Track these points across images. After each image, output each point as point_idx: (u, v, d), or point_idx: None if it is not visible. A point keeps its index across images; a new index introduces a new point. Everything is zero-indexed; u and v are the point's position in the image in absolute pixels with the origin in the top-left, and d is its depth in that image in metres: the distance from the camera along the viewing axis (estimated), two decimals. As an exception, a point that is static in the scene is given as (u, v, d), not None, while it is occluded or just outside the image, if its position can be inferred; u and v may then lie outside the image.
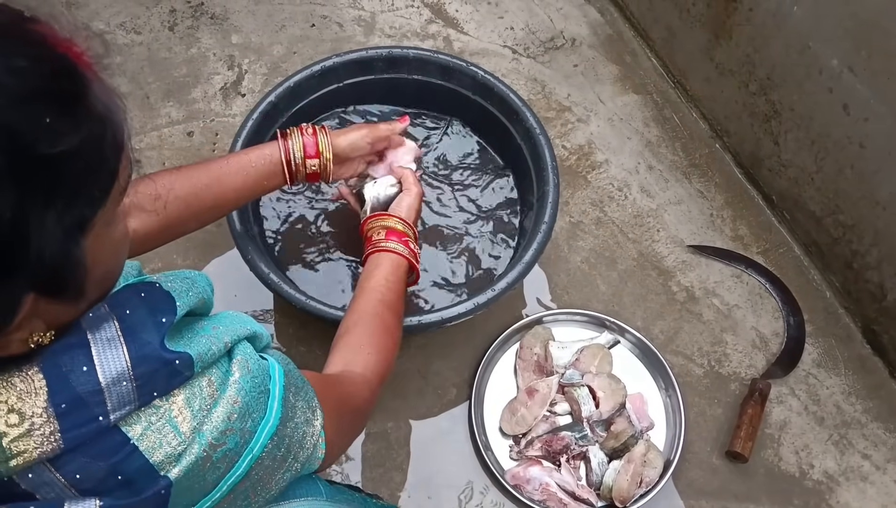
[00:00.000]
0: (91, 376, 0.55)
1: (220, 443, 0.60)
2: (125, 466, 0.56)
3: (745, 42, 1.45)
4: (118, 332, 0.57)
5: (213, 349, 0.62)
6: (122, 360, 0.56)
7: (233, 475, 0.63)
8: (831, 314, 1.45)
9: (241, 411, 0.61)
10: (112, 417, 0.55)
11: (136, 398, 0.56)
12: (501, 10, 1.78)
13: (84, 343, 0.56)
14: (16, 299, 0.50)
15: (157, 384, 0.57)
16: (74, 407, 0.54)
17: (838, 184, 1.36)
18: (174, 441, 0.58)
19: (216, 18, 1.74)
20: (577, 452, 1.25)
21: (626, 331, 1.37)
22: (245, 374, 0.63)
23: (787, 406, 1.36)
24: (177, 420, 0.58)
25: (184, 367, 0.59)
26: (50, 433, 0.53)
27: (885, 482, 1.31)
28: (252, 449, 0.63)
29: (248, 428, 0.62)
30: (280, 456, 0.67)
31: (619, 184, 1.56)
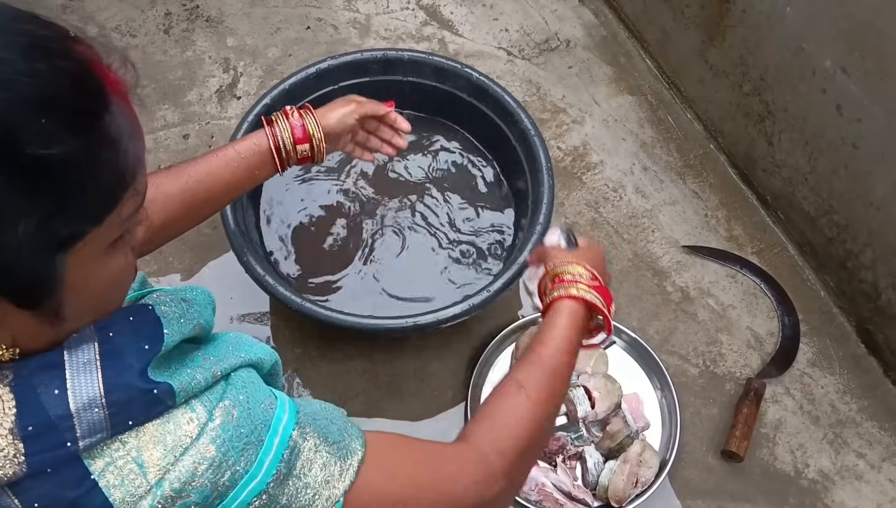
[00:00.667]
0: (62, 399, 0.52)
1: (182, 496, 0.55)
2: (85, 502, 0.53)
3: (738, 43, 1.46)
4: (96, 355, 0.54)
5: (199, 379, 0.57)
6: (96, 386, 0.53)
7: None
8: (826, 314, 1.45)
9: (213, 462, 0.56)
10: (81, 444, 0.52)
11: (109, 426, 0.53)
12: (496, 12, 1.78)
13: (59, 364, 0.53)
14: None
15: (133, 412, 0.54)
16: (42, 431, 0.52)
17: (832, 184, 1.36)
18: (137, 482, 0.54)
19: (211, 21, 1.74)
20: (573, 453, 1.26)
21: (622, 331, 1.37)
22: (227, 422, 0.57)
23: (782, 406, 1.37)
24: (143, 458, 0.54)
25: (165, 396, 0.55)
26: (14, 456, 0.51)
27: (880, 480, 1.32)
28: (228, 506, 0.57)
29: (223, 481, 0.56)
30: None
31: (614, 185, 1.56)
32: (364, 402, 1.32)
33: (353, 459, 0.63)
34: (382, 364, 1.36)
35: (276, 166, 1.05)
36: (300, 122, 1.05)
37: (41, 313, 0.52)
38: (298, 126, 1.05)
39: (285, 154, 1.05)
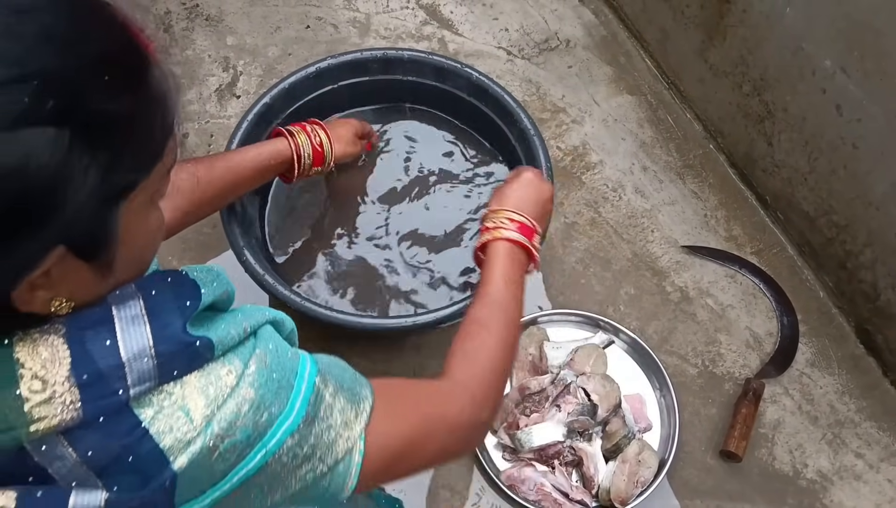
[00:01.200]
0: (113, 350, 0.56)
1: (229, 434, 0.59)
2: (136, 448, 0.56)
3: (738, 43, 1.46)
4: (142, 311, 0.58)
5: (233, 334, 0.62)
6: (145, 337, 0.57)
7: (243, 467, 0.62)
8: (825, 314, 1.45)
9: (253, 404, 0.61)
10: (131, 392, 0.56)
11: (157, 375, 0.57)
12: (496, 11, 1.78)
13: (108, 319, 0.57)
14: (46, 246, 0.52)
15: (178, 364, 0.58)
16: (95, 379, 0.55)
17: (831, 184, 1.36)
18: (184, 428, 0.58)
19: (211, 20, 1.74)
20: (570, 459, 1.25)
21: (621, 331, 1.37)
22: (262, 368, 0.62)
23: (781, 406, 1.37)
24: (189, 407, 0.58)
25: (204, 349, 0.59)
26: (70, 403, 0.54)
27: (879, 480, 1.32)
28: (266, 444, 0.62)
29: (262, 421, 0.61)
30: (302, 455, 0.65)
31: (614, 185, 1.56)
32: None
33: (366, 404, 0.71)
34: (381, 363, 1.36)
35: (290, 177, 1.22)
36: (320, 151, 1.23)
37: (97, 265, 0.56)
38: (319, 155, 1.23)
39: (301, 172, 1.21)
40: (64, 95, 0.50)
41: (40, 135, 0.49)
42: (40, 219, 0.50)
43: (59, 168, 0.50)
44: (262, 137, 1.32)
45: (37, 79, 0.49)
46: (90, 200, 0.52)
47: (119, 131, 0.53)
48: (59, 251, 0.52)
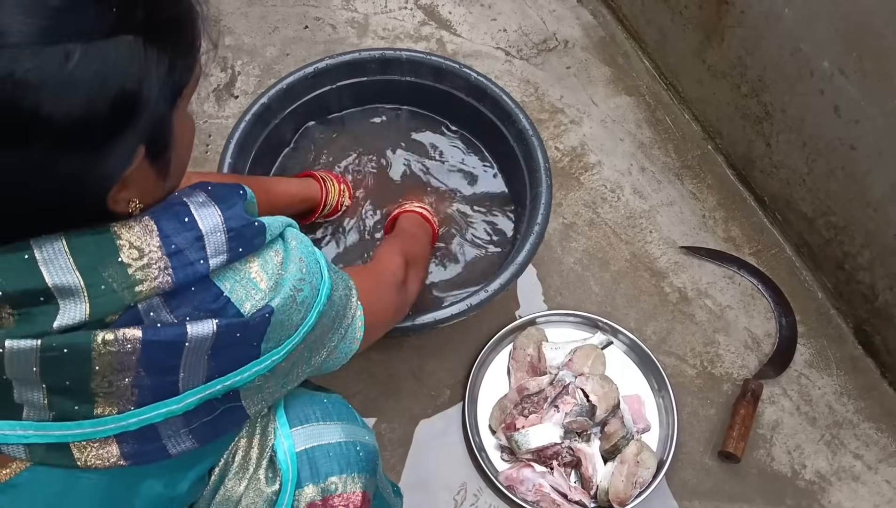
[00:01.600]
0: (192, 225, 0.65)
1: (298, 289, 0.70)
2: (223, 312, 0.65)
3: (736, 44, 1.46)
4: (208, 197, 0.67)
5: (276, 224, 0.71)
6: (216, 215, 0.66)
7: (307, 323, 0.72)
8: (823, 315, 1.45)
9: (307, 267, 0.72)
10: (210, 262, 0.65)
11: (228, 249, 0.66)
12: (494, 12, 1.78)
13: (183, 203, 0.66)
14: (136, 144, 0.60)
15: (244, 240, 0.67)
16: (182, 248, 0.63)
17: (830, 185, 1.36)
18: (257, 296, 0.67)
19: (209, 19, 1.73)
20: (568, 460, 1.25)
21: (619, 332, 1.37)
22: (300, 244, 0.74)
23: (780, 407, 1.37)
24: (255, 280, 0.68)
25: (260, 230, 0.68)
26: (164, 268, 0.62)
27: (877, 481, 1.32)
28: (318, 303, 0.73)
29: (314, 283, 0.73)
30: (333, 316, 0.78)
31: (612, 185, 1.56)
32: (361, 401, 1.32)
33: (348, 279, 0.85)
34: (380, 364, 1.36)
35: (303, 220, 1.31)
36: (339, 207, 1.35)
37: (161, 166, 0.65)
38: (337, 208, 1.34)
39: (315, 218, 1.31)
40: (139, 5, 0.57)
41: (126, 44, 0.56)
42: (132, 119, 0.59)
43: (141, 72, 0.58)
44: (259, 137, 1.32)
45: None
46: (160, 98, 0.60)
47: (175, 35, 0.61)
48: (141, 151, 0.61)
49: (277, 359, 0.71)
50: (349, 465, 0.87)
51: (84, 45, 0.54)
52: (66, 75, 0.54)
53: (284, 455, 0.85)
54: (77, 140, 0.56)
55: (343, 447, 0.88)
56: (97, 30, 0.55)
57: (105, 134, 0.58)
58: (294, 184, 1.27)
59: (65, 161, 0.57)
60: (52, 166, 0.56)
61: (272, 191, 1.20)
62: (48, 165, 0.56)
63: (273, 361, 0.71)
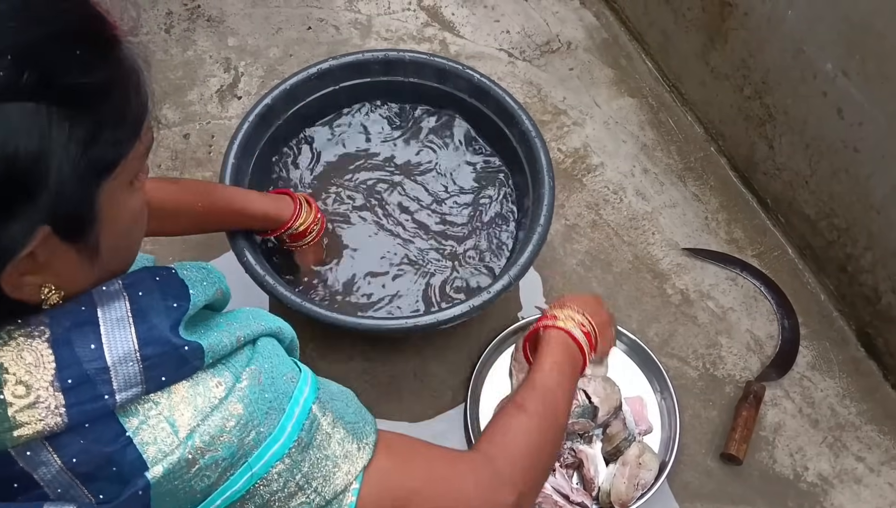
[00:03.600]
0: (98, 353, 0.55)
1: (211, 448, 0.58)
2: (120, 457, 0.55)
3: (739, 46, 1.46)
4: (128, 313, 0.57)
5: (225, 342, 0.60)
6: (130, 340, 0.56)
7: (228, 489, 0.60)
8: (825, 317, 1.45)
9: (239, 420, 0.59)
10: (118, 398, 0.55)
11: (143, 381, 0.56)
12: (497, 13, 1.78)
13: (94, 321, 0.56)
14: (32, 226, 0.51)
15: (166, 369, 0.57)
16: (80, 383, 0.54)
17: (832, 187, 1.36)
18: (169, 440, 0.57)
19: (213, 21, 1.74)
20: (571, 461, 1.25)
21: (621, 333, 1.37)
22: (254, 385, 0.61)
23: (782, 409, 1.37)
24: (175, 418, 0.57)
25: (192, 356, 0.58)
26: (55, 407, 0.53)
27: (880, 484, 1.31)
28: (252, 466, 0.60)
29: (248, 440, 0.59)
30: (295, 484, 0.63)
31: (615, 187, 1.56)
32: (363, 403, 1.32)
33: (369, 439, 0.68)
34: (382, 365, 1.36)
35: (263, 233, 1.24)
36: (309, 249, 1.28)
37: (83, 249, 0.56)
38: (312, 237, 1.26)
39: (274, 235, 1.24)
40: (39, 68, 0.49)
41: (21, 109, 0.49)
42: (25, 196, 0.50)
43: (41, 142, 0.49)
44: (263, 138, 1.32)
45: (10, 53, 0.49)
46: (73, 175, 0.51)
47: (95, 105, 0.53)
48: (44, 232, 0.52)
49: None
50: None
51: None
52: None
53: None
54: None
55: None
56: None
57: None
58: (270, 200, 1.21)
59: None
60: None
61: (242, 204, 1.16)
62: None
63: None
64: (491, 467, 0.75)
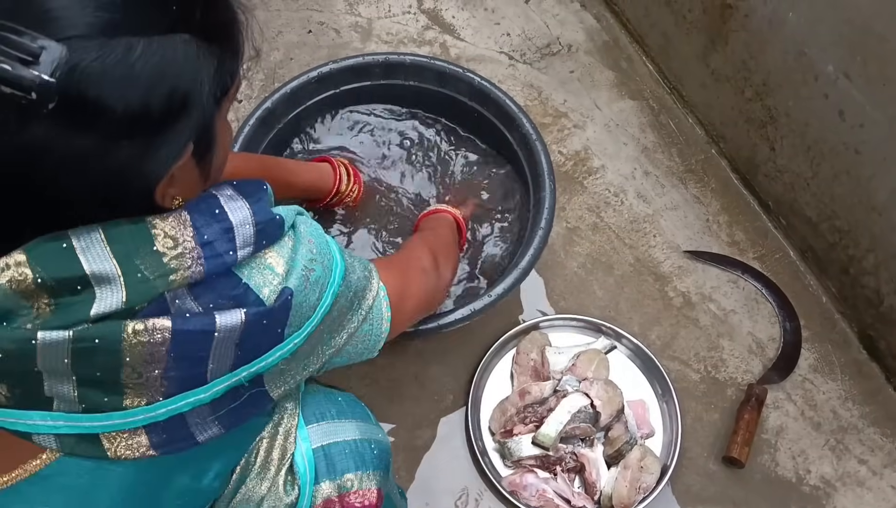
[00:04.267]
0: (223, 217, 0.67)
1: (311, 269, 0.72)
2: (244, 299, 0.67)
3: (740, 48, 1.45)
4: (236, 191, 0.69)
5: (290, 215, 0.73)
6: (245, 209, 0.68)
7: (323, 304, 0.74)
8: (828, 320, 1.45)
9: (317, 249, 0.74)
10: (238, 254, 0.66)
11: (254, 241, 0.68)
12: (498, 16, 1.78)
13: (213, 196, 0.68)
14: (185, 141, 0.63)
15: (268, 233, 0.69)
16: (213, 239, 0.65)
17: (834, 189, 1.36)
18: (274, 281, 0.69)
19: (213, 24, 1.74)
20: (572, 465, 1.25)
21: (623, 336, 1.37)
22: (310, 228, 0.75)
23: (784, 412, 1.36)
24: (272, 265, 0.69)
25: (281, 224, 0.70)
26: (197, 258, 0.64)
27: (882, 487, 1.31)
28: (332, 284, 0.75)
29: (326, 264, 0.74)
30: (350, 297, 0.79)
31: (616, 189, 1.56)
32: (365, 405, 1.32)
33: (368, 264, 0.86)
34: (383, 369, 1.36)
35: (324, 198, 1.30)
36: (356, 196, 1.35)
37: (204, 166, 0.68)
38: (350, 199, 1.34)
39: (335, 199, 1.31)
40: (197, 5, 0.61)
41: (180, 40, 0.59)
42: (186, 112, 0.61)
43: (196, 66, 0.61)
44: (264, 141, 1.32)
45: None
46: (209, 97, 0.63)
47: (224, 39, 0.64)
48: (189, 148, 0.63)
49: (299, 342, 0.73)
50: (364, 462, 0.88)
51: (146, 40, 0.57)
52: (127, 67, 0.56)
53: (302, 457, 0.86)
54: (134, 130, 0.59)
55: (358, 444, 0.89)
56: (157, 26, 0.58)
57: (159, 126, 0.60)
58: (314, 171, 1.28)
59: (121, 150, 0.59)
60: (109, 154, 0.59)
61: (291, 178, 1.23)
62: (105, 152, 0.59)
63: (295, 344, 0.72)
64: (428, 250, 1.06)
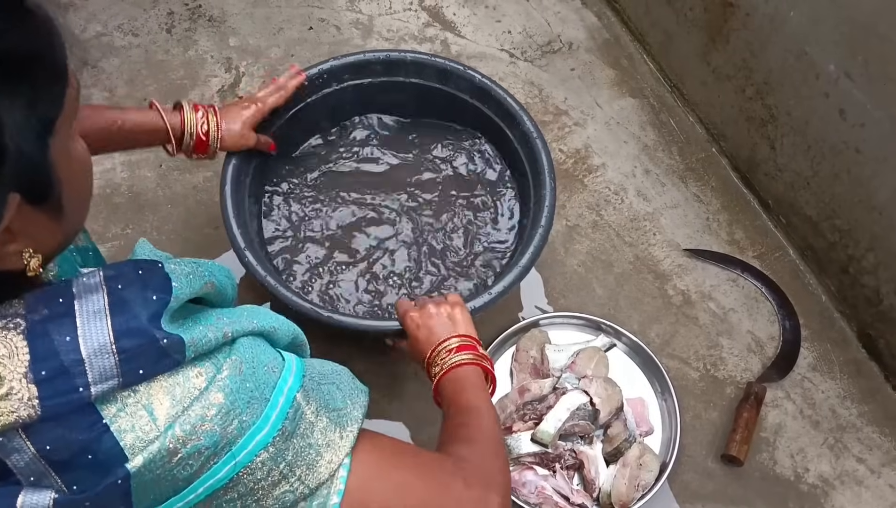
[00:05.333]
0: (73, 346, 0.55)
1: (192, 438, 0.57)
2: (96, 446, 0.55)
3: (741, 47, 1.45)
4: (105, 305, 0.56)
5: (210, 337, 0.60)
6: (106, 332, 0.55)
7: (210, 477, 0.60)
8: (827, 319, 1.45)
9: (221, 409, 0.59)
10: (93, 390, 0.55)
11: (119, 373, 0.55)
12: (499, 13, 1.78)
13: (70, 313, 0.56)
14: (3, 197, 0.51)
15: (143, 362, 0.56)
16: (55, 375, 0.54)
17: (834, 189, 1.36)
18: (147, 427, 0.56)
19: (214, 21, 1.74)
20: (571, 462, 1.25)
21: (623, 334, 1.37)
22: (234, 375, 0.60)
23: (783, 410, 1.36)
24: (153, 406, 0.57)
25: (172, 349, 0.57)
26: (28, 399, 0.53)
27: (880, 486, 1.31)
28: (236, 455, 0.60)
29: (231, 429, 0.59)
30: (279, 473, 0.63)
31: (616, 188, 1.56)
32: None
33: (353, 426, 0.68)
34: (383, 366, 1.36)
35: (170, 152, 1.16)
36: (205, 140, 1.16)
37: (49, 208, 0.56)
38: (203, 140, 1.15)
39: (179, 150, 1.16)
40: None
41: None
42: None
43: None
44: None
45: None
46: (25, 139, 0.51)
47: (28, 67, 0.52)
48: (14, 200, 0.52)
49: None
50: None
51: None
52: None
53: None
54: None
55: None
56: None
57: None
58: (143, 110, 1.14)
59: None
60: None
61: (117, 117, 1.08)
62: None
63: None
64: (471, 468, 0.77)
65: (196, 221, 1.48)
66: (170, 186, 1.52)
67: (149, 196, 1.51)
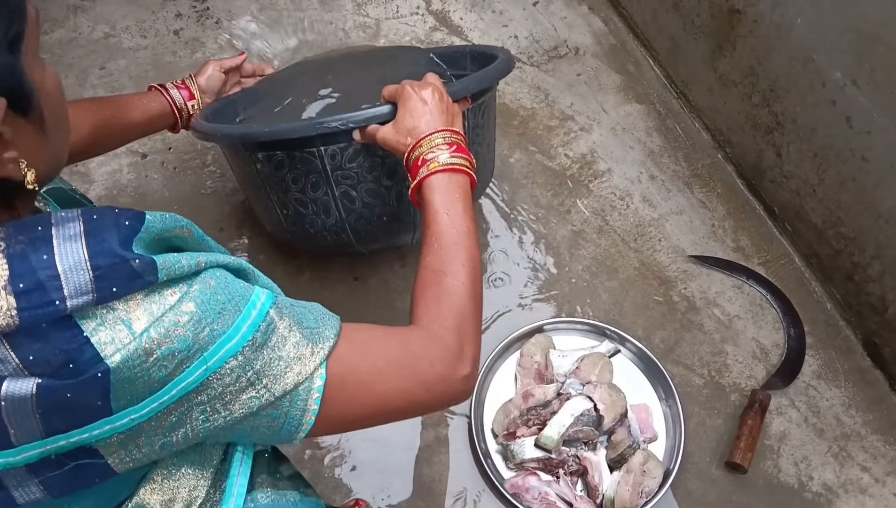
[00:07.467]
0: (50, 262, 0.58)
1: (166, 341, 0.61)
2: (78, 354, 0.58)
3: (748, 54, 1.45)
4: (81, 231, 0.60)
5: (183, 263, 0.63)
6: (80, 251, 0.59)
7: (183, 380, 0.63)
8: (832, 326, 1.45)
9: (193, 317, 0.63)
10: (69, 303, 0.58)
11: (94, 289, 0.59)
12: (506, 18, 1.78)
13: (48, 237, 0.60)
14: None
15: (116, 280, 0.60)
16: (32, 288, 0.57)
17: (840, 196, 1.36)
18: (125, 337, 0.60)
19: (221, 23, 1.74)
20: (575, 468, 1.25)
21: (627, 340, 1.37)
22: (205, 288, 0.64)
23: (787, 418, 1.36)
24: (131, 320, 0.60)
25: (143, 269, 0.61)
26: (6, 309, 0.56)
27: (885, 494, 1.31)
28: (207, 360, 0.64)
29: (203, 336, 0.63)
30: (246, 379, 0.66)
31: (621, 193, 1.56)
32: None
33: (325, 344, 0.71)
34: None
35: (175, 123, 1.26)
36: (186, 91, 1.26)
37: (34, 119, 0.62)
38: (185, 90, 1.26)
39: (185, 113, 1.25)
40: None
41: None
42: None
43: None
44: None
45: None
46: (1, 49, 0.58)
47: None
48: (2, 103, 0.58)
49: (138, 418, 0.63)
50: None
51: None
52: None
53: None
54: None
55: None
56: None
57: None
58: (150, 100, 1.23)
59: None
60: None
61: (131, 113, 1.19)
62: None
63: (132, 419, 0.62)
64: (440, 341, 0.79)
65: (202, 222, 1.48)
66: (176, 187, 1.52)
67: (155, 197, 1.51)
